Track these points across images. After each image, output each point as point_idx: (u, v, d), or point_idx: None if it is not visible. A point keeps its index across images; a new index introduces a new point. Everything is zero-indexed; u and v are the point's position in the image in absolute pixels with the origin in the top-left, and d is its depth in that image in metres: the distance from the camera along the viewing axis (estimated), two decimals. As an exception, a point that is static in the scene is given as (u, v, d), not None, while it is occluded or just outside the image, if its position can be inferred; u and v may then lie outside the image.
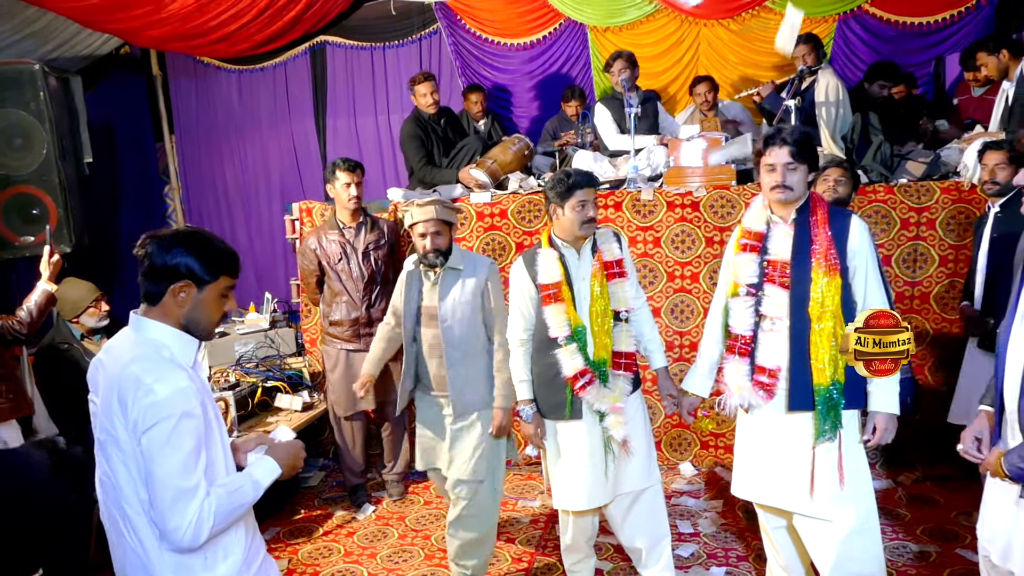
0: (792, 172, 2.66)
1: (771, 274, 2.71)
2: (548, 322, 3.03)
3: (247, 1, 5.64)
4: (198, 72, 7.13)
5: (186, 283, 1.86)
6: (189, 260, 1.86)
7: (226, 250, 1.96)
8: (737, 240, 2.86)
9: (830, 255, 2.63)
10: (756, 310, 2.74)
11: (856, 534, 2.67)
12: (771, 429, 2.77)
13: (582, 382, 3.00)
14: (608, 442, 3.06)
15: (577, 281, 3.05)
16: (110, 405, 1.79)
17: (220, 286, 1.93)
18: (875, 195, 4.39)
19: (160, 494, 1.76)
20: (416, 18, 6.64)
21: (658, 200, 4.58)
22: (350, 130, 7.00)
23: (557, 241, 3.09)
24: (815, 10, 6.08)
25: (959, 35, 5.88)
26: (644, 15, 6.32)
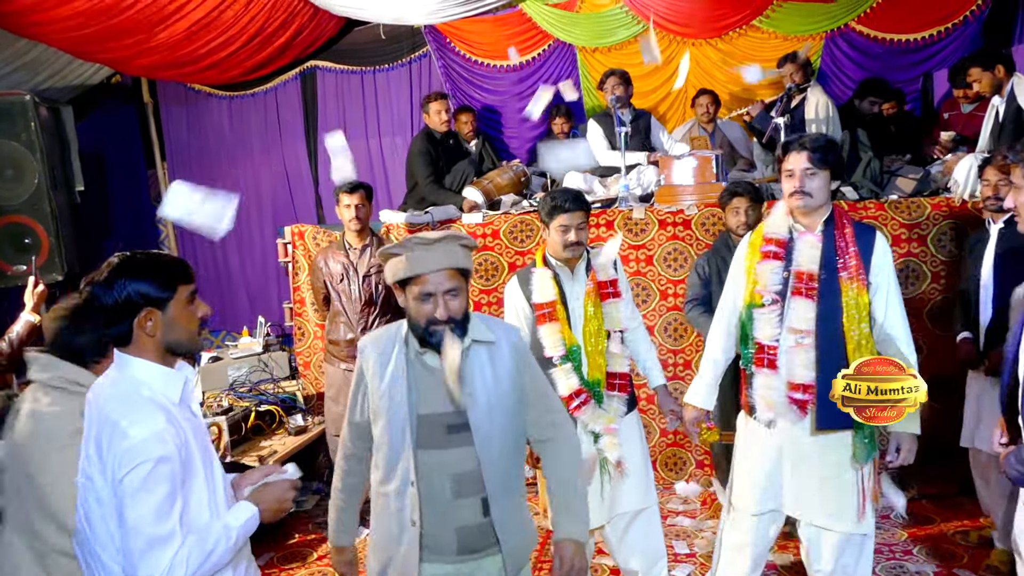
0: (811, 178, 2.63)
1: (798, 286, 2.65)
2: (543, 341, 3.00)
3: (236, 28, 5.66)
4: (189, 99, 7.14)
5: (148, 311, 1.76)
6: (139, 286, 1.75)
7: (170, 259, 1.87)
8: (758, 247, 2.77)
9: (860, 270, 2.60)
10: (782, 320, 2.68)
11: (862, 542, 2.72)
12: (793, 446, 2.71)
13: (577, 402, 2.97)
14: (603, 463, 3.03)
15: (571, 301, 3.04)
16: (88, 453, 1.72)
17: (181, 297, 1.81)
18: (866, 211, 4.40)
19: (132, 542, 1.67)
20: (405, 42, 6.67)
21: (650, 218, 4.59)
22: (342, 153, 7.01)
23: (551, 260, 3.08)
24: (803, 28, 6.13)
25: (946, 51, 5.91)
26: (633, 35, 6.35)
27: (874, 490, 2.73)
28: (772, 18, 6.12)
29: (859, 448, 2.64)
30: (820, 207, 2.68)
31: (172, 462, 1.70)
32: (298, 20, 5.99)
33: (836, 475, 2.69)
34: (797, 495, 2.75)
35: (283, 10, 5.75)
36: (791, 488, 2.75)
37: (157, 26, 5.25)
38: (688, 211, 4.55)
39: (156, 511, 1.67)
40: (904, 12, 6.01)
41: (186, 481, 1.75)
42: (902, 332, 2.66)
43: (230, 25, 5.59)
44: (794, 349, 2.63)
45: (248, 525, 1.88)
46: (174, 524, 1.70)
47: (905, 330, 2.67)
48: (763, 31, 6.18)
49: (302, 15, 5.97)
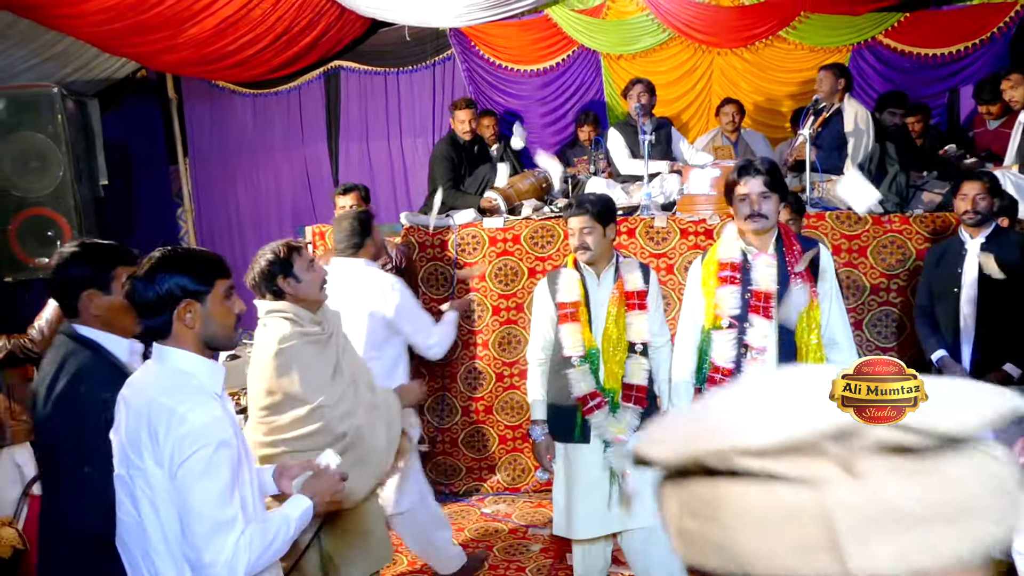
0: (766, 201, 2.71)
1: (756, 304, 2.73)
2: (563, 341, 3.04)
3: (264, 27, 5.71)
4: (213, 95, 7.20)
5: (187, 303, 1.80)
6: (179, 280, 1.80)
7: (208, 254, 1.91)
8: (713, 272, 2.85)
9: (810, 285, 2.70)
10: (739, 342, 2.75)
11: None
12: None
13: (591, 404, 2.98)
14: (614, 472, 3.03)
15: (595, 305, 3.05)
16: (138, 438, 1.73)
17: (219, 291, 1.86)
18: (891, 225, 4.37)
19: (195, 526, 1.69)
20: (430, 44, 6.70)
21: (671, 227, 4.57)
22: (362, 154, 7.05)
23: (580, 263, 3.11)
24: (829, 40, 6.12)
25: (973, 67, 5.89)
26: (658, 43, 6.35)
27: None
28: (799, 29, 6.11)
29: None
30: (772, 228, 2.77)
31: (232, 448, 1.74)
32: (324, 20, 6.03)
33: None
34: None
35: (310, 10, 5.79)
36: None
37: (186, 23, 5.29)
38: (710, 220, 4.53)
39: (219, 495, 1.70)
40: (931, 27, 6.00)
41: (240, 470, 1.79)
42: (843, 337, 2.77)
43: (257, 23, 5.63)
44: (751, 364, 2.72)
45: (304, 517, 1.92)
46: (236, 509, 1.73)
47: (847, 334, 2.78)
48: (789, 42, 6.16)
49: (328, 15, 6.01)
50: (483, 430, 4.89)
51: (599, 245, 3.05)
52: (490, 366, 4.77)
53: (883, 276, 4.36)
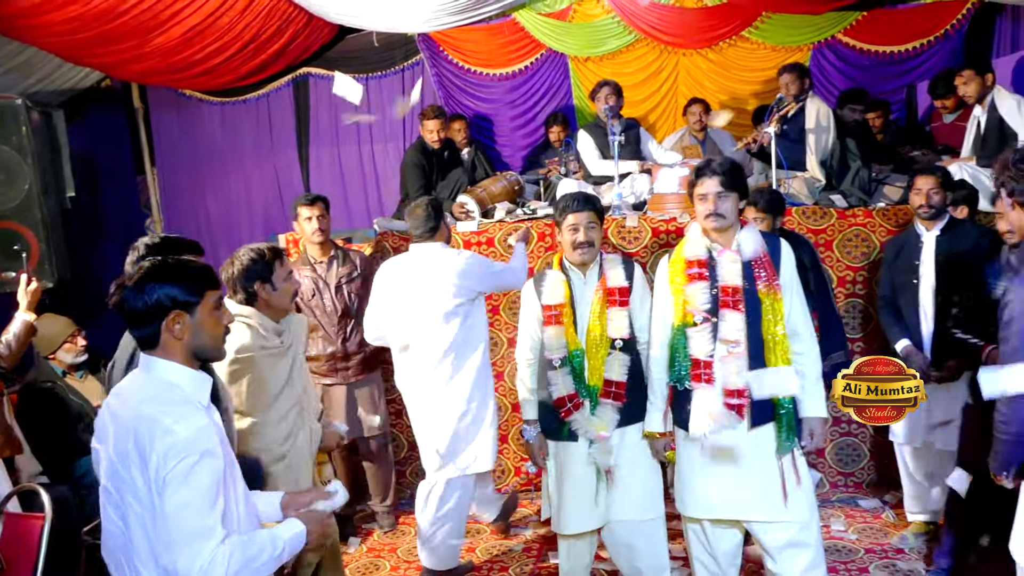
0: (724, 200, 2.80)
1: (726, 299, 2.80)
2: (546, 343, 3.10)
3: (232, 35, 5.67)
4: (180, 104, 7.13)
5: (176, 313, 1.81)
6: (169, 290, 1.81)
7: (198, 265, 1.93)
8: (680, 270, 2.92)
9: (773, 277, 2.79)
10: (715, 334, 2.81)
11: (808, 527, 2.82)
12: (730, 446, 2.81)
13: (567, 407, 3.05)
14: (599, 469, 3.08)
15: (580, 305, 3.10)
16: (125, 451, 1.74)
17: (208, 302, 1.88)
18: (855, 219, 4.48)
19: (173, 532, 1.69)
20: (399, 50, 6.72)
21: (643, 226, 4.64)
22: (333, 160, 7.04)
23: (565, 263, 3.16)
24: (791, 39, 6.25)
25: (929, 63, 6.06)
26: (624, 45, 6.44)
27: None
28: (761, 29, 6.24)
29: (780, 441, 2.79)
30: (732, 225, 2.85)
31: (216, 458, 1.75)
32: (292, 27, 6.01)
33: (772, 468, 2.81)
34: (738, 497, 2.83)
35: (278, 17, 5.77)
36: (732, 491, 2.83)
37: (152, 32, 5.24)
38: (680, 219, 4.61)
39: (199, 502, 1.70)
40: (888, 25, 6.16)
41: (226, 482, 1.79)
42: (803, 327, 2.86)
43: (225, 31, 5.59)
44: (727, 358, 2.78)
45: (295, 542, 1.91)
46: (216, 520, 1.73)
47: (807, 325, 2.87)
48: (752, 42, 6.29)
49: (296, 22, 5.99)
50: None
51: (598, 243, 3.12)
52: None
53: (849, 269, 4.48)
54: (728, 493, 2.83)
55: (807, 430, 2.85)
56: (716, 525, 2.97)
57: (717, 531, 2.97)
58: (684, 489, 2.96)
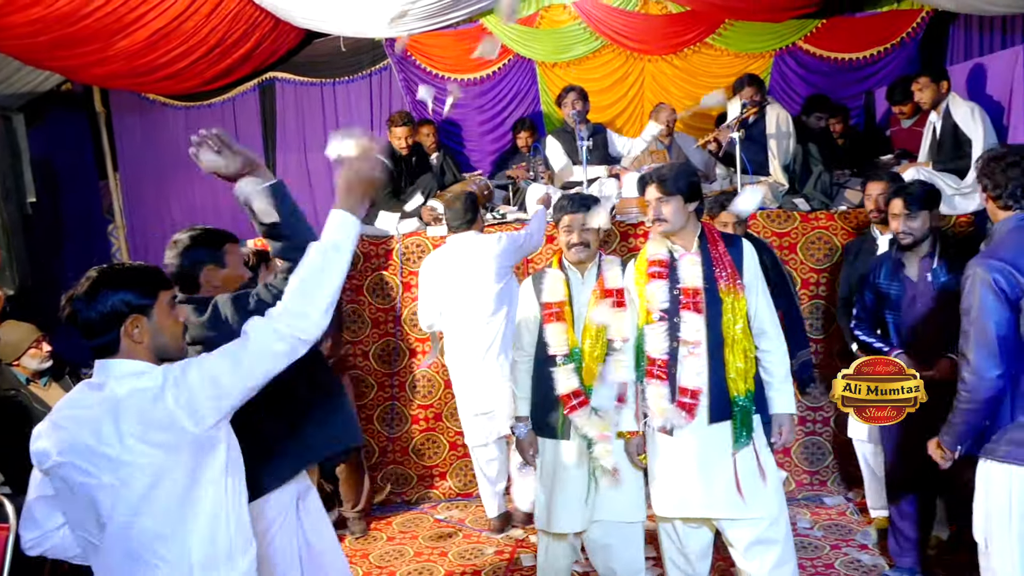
0: (664, 205, 2.87)
1: (686, 301, 2.85)
2: (548, 340, 3.11)
3: (197, 39, 5.62)
4: (143, 108, 7.04)
5: (134, 318, 1.81)
6: (122, 295, 1.80)
7: (147, 267, 1.93)
8: (643, 271, 2.97)
9: (735, 277, 2.84)
10: (672, 334, 2.87)
11: (776, 524, 2.87)
12: (693, 444, 2.87)
13: (574, 402, 3.05)
14: (593, 470, 3.11)
15: (578, 304, 3.13)
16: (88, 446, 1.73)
17: (163, 302, 1.88)
18: (817, 222, 4.59)
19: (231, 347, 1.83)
20: (366, 54, 6.70)
21: (612, 229, 4.70)
22: (300, 166, 6.99)
23: (564, 263, 3.20)
24: (753, 46, 6.38)
25: (887, 70, 6.22)
26: (591, 51, 6.51)
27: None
28: (724, 36, 6.35)
29: (735, 437, 2.84)
30: (684, 228, 2.90)
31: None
32: (259, 31, 5.98)
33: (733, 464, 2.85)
34: (704, 495, 2.86)
35: (244, 21, 5.74)
36: (698, 490, 2.87)
37: (116, 35, 5.18)
38: (648, 222, 4.67)
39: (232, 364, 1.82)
40: (847, 32, 6.31)
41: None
42: (770, 325, 2.92)
43: (190, 35, 5.54)
44: (687, 359, 2.84)
45: (344, 227, 2.00)
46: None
47: (773, 323, 2.93)
48: (716, 48, 6.40)
49: (263, 26, 5.96)
50: (433, 437, 4.93)
51: (594, 243, 3.15)
52: (438, 373, 4.81)
53: (812, 271, 4.59)
54: (695, 491, 2.87)
55: (776, 427, 2.91)
56: (687, 524, 3.00)
57: (687, 530, 3.01)
58: (653, 488, 3.01)
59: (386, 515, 4.75)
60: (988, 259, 2.41)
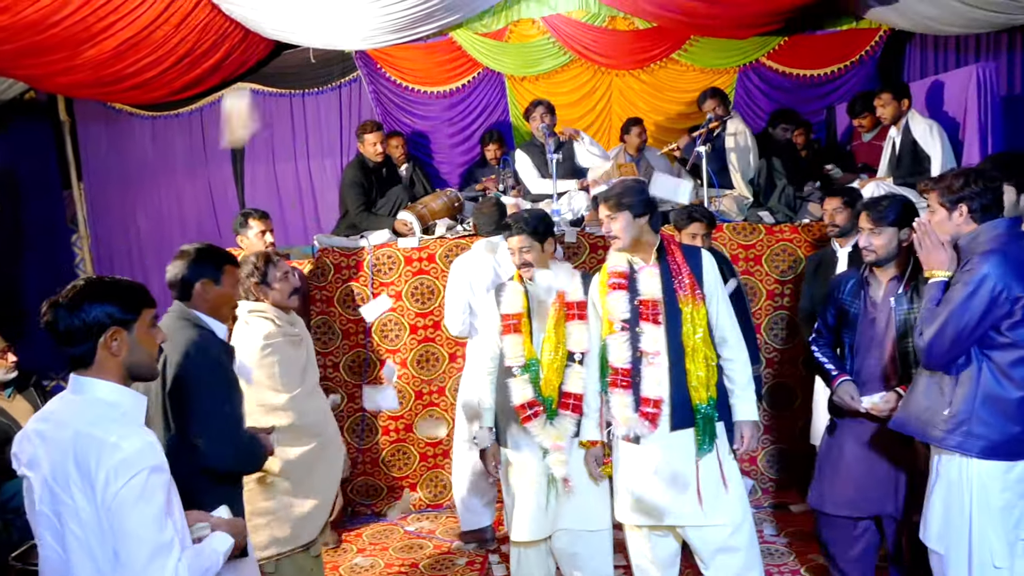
0: (613, 221, 2.95)
1: (645, 312, 2.91)
2: (505, 351, 3.18)
3: (166, 49, 5.59)
4: (109, 118, 6.96)
5: (115, 330, 1.81)
6: (107, 308, 1.81)
7: (132, 283, 1.94)
8: (603, 282, 3.04)
9: (694, 288, 2.90)
10: (633, 345, 2.92)
11: (739, 530, 2.91)
12: (657, 452, 2.91)
13: (528, 413, 3.10)
14: (551, 478, 3.15)
15: (537, 316, 3.19)
16: (64, 473, 1.72)
17: (145, 319, 1.90)
18: (781, 234, 4.70)
19: (135, 551, 1.69)
20: (336, 66, 6.71)
21: (581, 242, 4.76)
22: (269, 176, 6.98)
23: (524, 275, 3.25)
24: (717, 62, 6.52)
25: (847, 86, 6.41)
26: (559, 65, 6.61)
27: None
28: (690, 52, 6.49)
29: (697, 444, 2.89)
30: (640, 241, 2.98)
31: (165, 473, 1.76)
32: (228, 42, 5.96)
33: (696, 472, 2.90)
34: (667, 503, 2.91)
35: (214, 32, 5.72)
36: (662, 497, 2.91)
37: (83, 44, 5.12)
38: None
39: (156, 519, 1.71)
40: (808, 50, 6.49)
41: (171, 496, 1.80)
42: (731, 334, 2.99)
43: (159, 45, 5.51)
44: (647, 368, 2.90)
45: (227, 552, 1.97)
46: (172, 533, 1.74)
47: (735, 332, 3.00)
48: (682, 64, 6.54)
49: (232, 37, 5.94)
50: (404, 448, 4.93)
51: (539, 261, 3.20)
52: (409, 384, 4.82)
53: (777, 282, 4.69)
54: (658, 499, 2.91)
55: (738, 434, 2.97)
56: (653, 532, 3.04)
57: (655, 538, 3.05)
58: (619, 497, 3.05)
59: (356, 527, 4.73)
60: (1003, 266, 2.41)
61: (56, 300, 1.83)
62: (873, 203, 3.09)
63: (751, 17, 6.09)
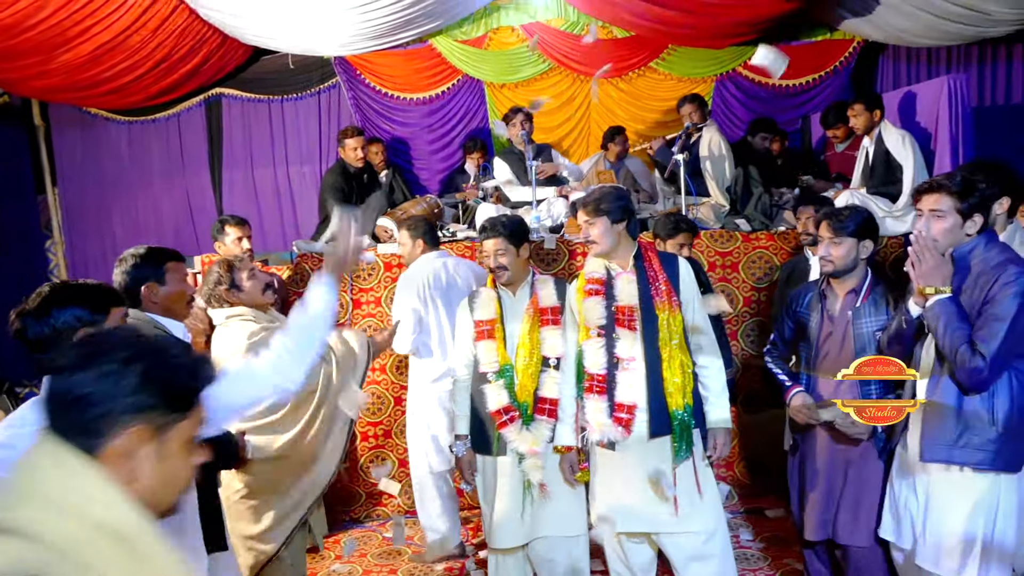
0: (592, 227, 2.96)
1: (621, 319, 2.92)
2: (479, 357, 3.18)
3: (143, 54, 5.55)
4: (84, 123, 6.90)
5: (85, 333, 1.76)
6: (75, 311, 1.79)
7: (99, 285, 1.92)
8: (581, 288, 3.04)
9: (671, 295, 2.92)
10: (609, 351, 2.93)
11: (713, 538, 2.92)
12: (634, 459, 2.92)
13: (504, 419, 3.10)
14: (527, 484, 3.15)
15: (511, 322, 3.20)
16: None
17: (115, 318, 1.87)
18: (758, 242, 4.75)
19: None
20: (315, 72, 6.70)
21: (560, 248, 4.78)
22: (247, 182, 6.94)
23: (498, 282, 3.27)
24: (695, 71, 6.59)
25: (821, 96, 6.50)
26: (539, 72, 6.64)
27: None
28: (668, 61, 6.56)
29: (674, 451, 2.89)
30: (617, 247, 2.99)
31: None
32: (206, 47, 5.93)
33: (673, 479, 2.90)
34: (643, 509, 2.92)
35: (192, 37, 5.69)
36: (638, 504, 2.92)
37: (58, 48, 5.08)
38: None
39: None
40: (784, 60, 6.56)
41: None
42: (707, 341, 3.01)
43: (135, 50, 5.47)
44: (622, 374, 2.91)
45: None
46: None
47: (710, 339, 3.02)
48: (660, 73, 6.60)
49: (210, 42, 5.91)
50: (383, 455, 4.91)
51: (514, 265, 3.21)
52: (388, 390, 4.81)
53: (753, 289, 4.74)
54: (634, 506, 2.92)
55: (711, 440, 2.98)
56: (630, 539, 3.05)
57: (631, 545, 3.06)
58: (595, 504, 3.06)
59: (334, 533, 4.70)
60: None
61: (23, 308, 1.81)
62: (834, 212, 3.04)
63: (727, 27, 6.17)
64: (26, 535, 1.01)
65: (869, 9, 5.78)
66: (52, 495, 1.05)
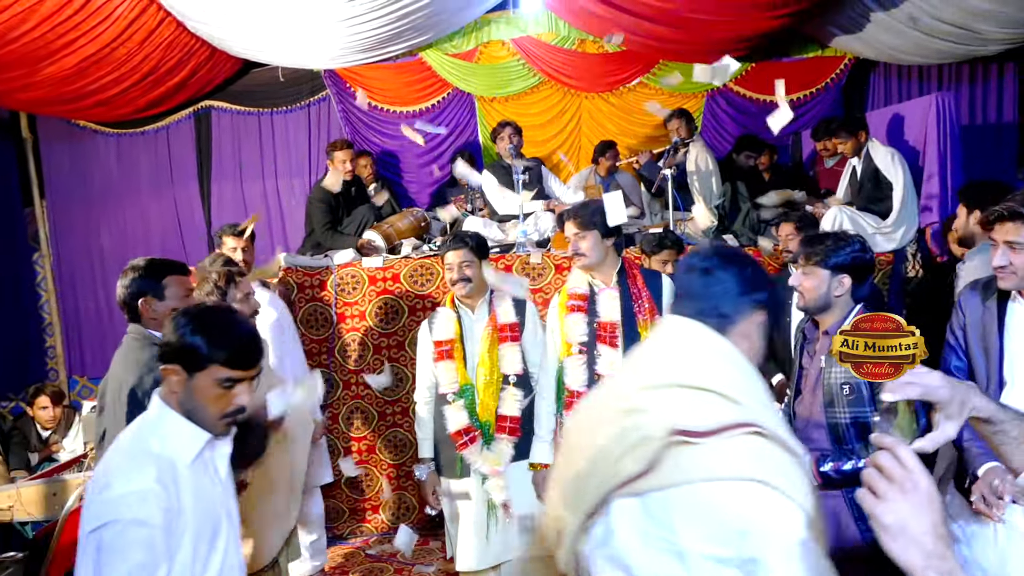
0: (581, 240, 2.95)
1: (603, 335, 2.90)
2: (439, 378, 3.15)
3: (129, 66, 5.52)
4: (72, 135, 6.87)
5: (174, 367, 1.76)
6: (196, 340, 1.75)
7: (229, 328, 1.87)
8: (563, 303, 3.02)
9: (653, 311, 2.90)
10: (590, 367, 2.90)
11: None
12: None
13: (464, 440, 3.07)
14: (491, 505, 3.10)
15: (470, 341, 3.15)
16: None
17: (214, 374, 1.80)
18: (745, 258, 4.71)
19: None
20: (305, 85, 6.68)
21: (546, 263, 4.75)
22: (236, 195, 6.90)
23: (456, 301, 3.23)
24: (686, 86, 6.57)
25: (813, 112, 6.48)
26: (529, 87, 6.63)
27: None
28: (658, 75, 6.54)
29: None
30: (603, 262, 2.97)
31: (150, 527, 1.60)
32: (194, 59, 5.91)
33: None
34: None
35: (179, 49, 5.66)
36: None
37: (44, 60, 5.05)
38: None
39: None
40: (775, 76, 6.49)
41: (172, 551, 1.65)
42: None
43: (122, 62, 5.44)
44: None
45: None
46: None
47: None
48: (651, 87, 6.58)
49: (199, 55, 5.89)
50: (367, 471, 4.86)
51: (477, 278, 3.17)
52: (372, 405, 4.76)
53: (741, 305, 4.69)
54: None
55: None
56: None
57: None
58: None
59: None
60: None
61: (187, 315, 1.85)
62: (815, 239, 2.68)
63: (718, 43, 6.15)
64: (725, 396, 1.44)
65: (860, 27, 5.78)
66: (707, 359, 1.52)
